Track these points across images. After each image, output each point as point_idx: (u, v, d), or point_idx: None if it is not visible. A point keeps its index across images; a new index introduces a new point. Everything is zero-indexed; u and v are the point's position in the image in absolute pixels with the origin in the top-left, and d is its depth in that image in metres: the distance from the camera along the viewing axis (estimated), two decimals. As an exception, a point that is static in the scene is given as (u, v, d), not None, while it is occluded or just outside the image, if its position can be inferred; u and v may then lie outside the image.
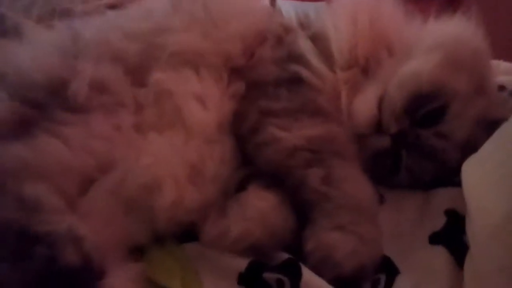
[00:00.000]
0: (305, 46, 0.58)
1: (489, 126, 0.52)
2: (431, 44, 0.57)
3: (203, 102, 0.55)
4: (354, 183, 0.51)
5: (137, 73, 0.55)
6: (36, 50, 0.57)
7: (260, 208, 0.50)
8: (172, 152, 0.51)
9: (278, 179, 0.52)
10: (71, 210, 0.47)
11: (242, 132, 0.55)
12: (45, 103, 0.52)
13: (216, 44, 0.57)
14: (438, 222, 0.50)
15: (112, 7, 0.90)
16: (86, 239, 0.44)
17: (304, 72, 0.56)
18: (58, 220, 0.44)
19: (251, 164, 0.54)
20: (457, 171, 0.51)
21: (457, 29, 0.59)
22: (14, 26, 0.89)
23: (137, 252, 0.51)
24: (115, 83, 0.54)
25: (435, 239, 0.49)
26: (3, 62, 0.58)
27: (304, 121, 0.53)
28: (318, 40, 0.59)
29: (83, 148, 0.50)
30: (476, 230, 0.44)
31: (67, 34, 0.59)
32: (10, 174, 0.46)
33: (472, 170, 0.48)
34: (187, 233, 0.53)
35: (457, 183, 0.51)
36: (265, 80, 0.56)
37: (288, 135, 0.52)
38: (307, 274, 0.45)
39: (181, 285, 0.47)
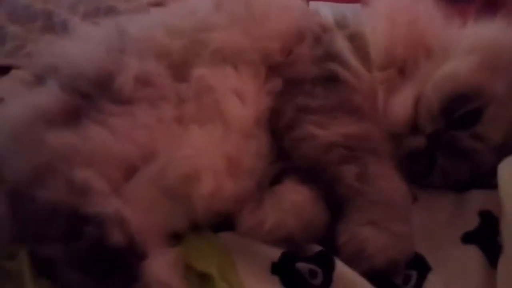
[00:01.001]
0: (342, 45, 0.59)
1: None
2: (470, 47, 0.57)
3: (242, 98, 0.57)
4: (387, 181, 0.52)
5: (179, 69, 0.57)
6: (86, 45, 0.61)
7: (294, 201, 0.51)
8: (211, 144, 0.54)
9: (313, 174, 0.53)
10: (117, 194, 0.49)
11: (279, 128, 0.56)
12: (93, 94, 0.55)
13: (255, 42, 0.58)
14: (472, 222, 0.50)
15: (155, 5, 0.94)
16: (131, 222, 0.46)
17: (341, 71, 0.57)
18: (106, 203, 0.46)
19: (287, 159, 0.56)
20: (491, 173, 0.51)
21: (496, 32, 0.59)
22: (62, 22, 0.94)
23: (174, 239, 0.53)
24: (158, 78, 0.57)
25: (468, 238, 0.49)
26: (54, 56, 0.62)
27: (340, 118, 0.54)
28: (356, 40, 0.60)
29: (128, 137, 0.52)
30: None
31: (113, 30, 0.62)
32: (61, 159, 0.49)
33: (509, 171, 0.48)
34: (223, 223, 0.55)
35: (492, 185, 0.51)
36: (303, 78, 0.58)
37: (324, 132, 0.53)
38: (340, 266, 0.46)
39: (217, 272, 0.48)
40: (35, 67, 0.66)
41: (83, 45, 0.61)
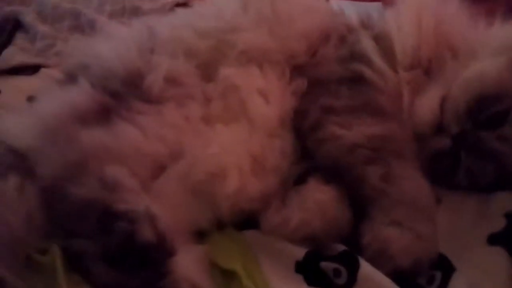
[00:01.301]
0: (368, 45, 0.59)
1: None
2: (497, 47, 0.57)
3: (267, 97, 0.57)
4: (412, 182, 0.52)
5: (207, 68, 0.59)
6: (117, 45, 0.62)
7: (319, 200, 0.52)
8: (237, 143, 0.55)
9: (337, 174, 0.53)
10: (146, 192, 0.51)
11: (303, 128, 0.57)
12: (123, 93, 0.57)
13: (281, 42, 0.59)
14: (497, 224, 0.50)
15: (179, 5, 0.96)
16: (160, 219, 0.47)
17: (367, 71, 0.57)
18: (136, 200, 0.48)
19: (311, 158, 0.56)
20: (517, 175, 0.51)
21: (524, 32, 0.58)
22: (89, 22, 0.96)
23: (199, 237, 0.54)
24: (186, 77, 0.58)
25: (493, 240, 0.49)
26: (85, 55, 0.63)
27: (364, 119, 0.54)
28: (381, 40, 0.60)
29: (157, 136, 0.54)
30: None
31: (143, 30, 0.64)
32: (93, 157, 0.51)
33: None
34: (247, 221, 0.56)
35: (518, 188, 0.51)
36: (328, 78, 0.58)
37: (348, 133, 0.54)
38: (365, 266, 0.47)
39: (242, 269, 0.49)
40: (66, 66, 0.68)
41: (113, 45, 0.62)
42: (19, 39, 0.95)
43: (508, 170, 0.53)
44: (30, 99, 0.73)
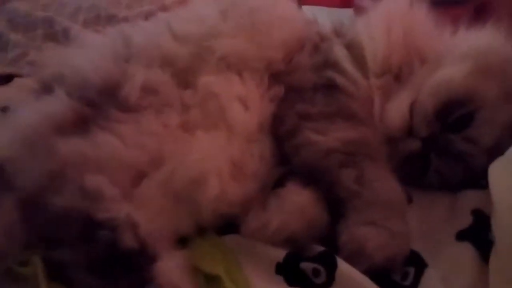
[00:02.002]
0: (340, 53, 0.61)
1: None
2: (462, 53, 0.60)
3: (246, 104, 0.59)
4: (384, 183, 0.54)
5: (184, 76, 0.60)
6: (92, 54, 0.62)
7: (298, 203, 0.53)
8: (217, 149, 0.56)
9: (313, 177, 0.55)
10: (127, 200, 0.51)
11: (280, 134, 0.59)
12: (100, 102, 0.57)
13: (259, 50, 0.61)
14: (465, 221, 0.52)
15: (154, 13, 0.96)
16: (141, 226, 0.48)
17: (339, 79, 0.59)
18: (117, 208, 0.48)
19: (288, 163, 0.58)
20: (483, 174, 0.53)
21: (487, 39, 0.61)
22: (63, 30, 0.95)
23: (181, 243, 0.55)
24: (163, 86, 0.58)
25: (461, 236, 0.51)
26: (60, 64, 0.63)
27: (339, 125, 0.56)
28: (353, 48, 0.62)
29: (136, 144, 0.54)
30: (503, 227, 0.47)
31: (119, 38, 0.64)
32: (72, 166, 0.51)
33: (499, 171, 0.51)
34: (227, 226, 0.57)
35: (483, 186, 0.53)
36: (303, 85, 0.60)
37: (323, 138, 0.56)
38: (342, 265, 0.48)
39: (224, 273, 0.50)
40: (41, 76, 0.68)
41: (88, 54, 0.63)
42: (-11, 48, 0.93)
43: (475, 170, 0.56)
44: (4, 109, 0.72)
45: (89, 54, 0.63)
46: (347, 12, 1.13)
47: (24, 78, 0.85)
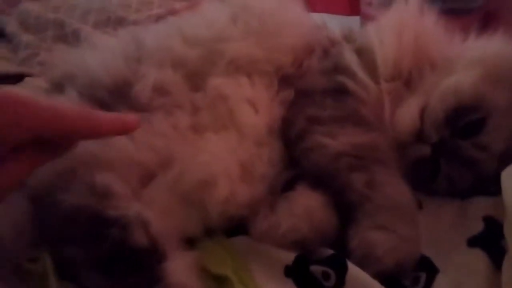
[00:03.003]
0: (350, 58, 0.61)
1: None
2: (472, 59, 0.60)
3: (255, 107, 0.59)
4: (394, 187, 0.54)
5: (195, 78, 0.60)
6: (103, 54, 0.63)
7: (307, 206, 0.53)
8: (226, 151, 0.56)
9: (322, 181, 0.55)
10: (136, 198, 0.51)
11: (290, 137, 0.59)
12: (111, 102, 0.57)
13: (269, 53, 0.61)
14: (476, 227, 0.52)
15: (164, 17, 0.97)
16: (152, 224, 0.48)
17: (350, 83, 0.59)
18: (127, 206, 0.48)
19: (298, 166, 0.58)
20: (493, 180, 0.53)
21: (497, 46, 0.61)
22: (73, 32, 0.96)
23: (190, 243, 0.55)
24: (174, 87, 0.59)
25: (473, 242, 0.51)
26: (71, 64, 0.64)
27: (348, 129, 0.57)
28: (363, 53, 0.62)
29: (146, 144, 0.54)
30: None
31: (130, 40, 0.65)
32: (82, 164, 0.51)
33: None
34: (236, 227, 0.57)
35: (494, 192, 0.54)
36: (313, 89, 0.60)
37: (333, 141, 0.55)
38: (353, 268, 0.48)
39: (233, 275, 0.50)
40: (52, 76, 0.68)
41: (100, 54, 0.63)
42: (2, 48, 0.94)
43: (485, 176, 0.56)
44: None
45: (100, 54, 0.63)
46: (355, 20, 1.14)
47: (35, 77, 0.86)
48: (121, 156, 0.53)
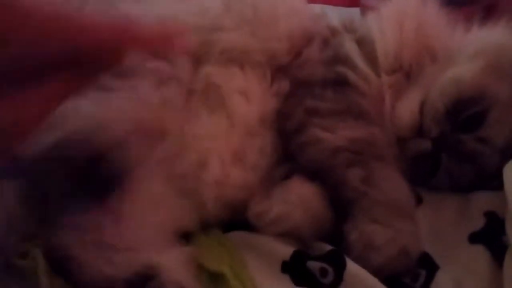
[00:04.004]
0: (351, 49, 0.60)
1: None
2: (474, 51, 0.59)
3: (247, 97, 0.58)
4: (392, 183, 0.53)
5: (192, 61, 0.57)
6: None
7: (301, 194, 0.52)
8: (218, 132, 0.55)
9: (319, 176, 0.54)
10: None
11: (286, 131, 0.57)
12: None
13: (263, 43, 0.59)
14: (478, 223, 0.51)
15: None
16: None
17: (350, 74, 0.58)
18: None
19: (294, 160, 0.57)
20: (495, 175, 0.52)
21: (499, 37, 0.60)
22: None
23: (185, 238, 0.54)
24: (174, 56, 0.55)
25: (474, 238, 0.50)
26: None
27: (347, 122, 0.55)
28: (364, 44, 0.61)
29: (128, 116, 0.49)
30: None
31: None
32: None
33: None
34: (232, 222, 0.56)
35: (495, 187, 0.52)
36: (312, 80, 0.59)
37: (331, 136, 0.54)
38: (351, 265, 0.47)
39: (229, 271, 0.49)
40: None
41: None
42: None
43: (487, 171, 0.55)
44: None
45: None
46: (354, 11, 1.13)
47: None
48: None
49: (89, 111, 0.45)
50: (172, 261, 0.48)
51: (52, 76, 0.36)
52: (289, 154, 0.57)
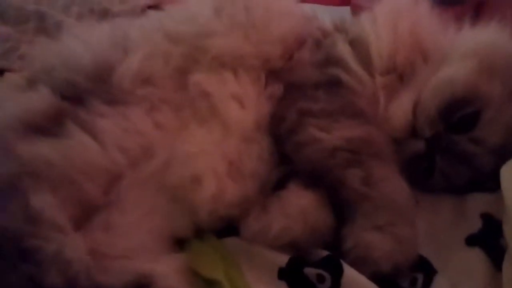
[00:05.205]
0: (344, 49, 0.59)
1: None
2: (466, 51, 0.58)
3: (241, 102, 0.57)
4: (392, 184, 0.52)
5: (178, 75, 0.57)
6: (87, 39, 0.59)
7: (300, 206, 0.51)
8: (212, 145, 0.53)
9: (316, 178, 0.53)
10: (75, 227, 0.47)
11: (281, 133, 0.57)
12: (87, 91, 0.53)
13: (256, 47, 0.58)
14: (474, 225, 0.51)
15: (149, 8, 0.94)
16: (73, 262, 0.44)
17: (343, 75, 0.57)
18: (51, 238, 0.44)
19: (289, 163, 0.56)
20: (490, 176, 0.52)
21: (491, 36, 0.60)
22: (55, 24, 0.92)
23: (180, 245, 0.53)
24: (160, 78, 0.55)
25: (471, 241, 0.50)
26: (51, 56, 0.60)
27: (343, 122, 0.54)
28: (357, 45, 0.60)
29: (116, 144, 0.50)
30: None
31: (118, 31, 0.61)
32: (29, 174, 0.46)
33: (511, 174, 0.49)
34: (227, 228, 0.55)
35: (491, 189, 0.52)
36: (304, 82, 0.58)
37: (327, 135, 0.53)
38: (349, 271, 0.47)
39: (225, 278, 0.48)
40: (29, 71, 0.65)
41: (83, 39, 0.59)
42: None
43: (482, 171, 0.55)
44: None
45: (83, 39, 0.59)
46: (345, 11, 1.12)
47: (15, 72, 0.82)
48: (81, 162, 0.48)
49: None
50: (167, 269, 0.47)
51: None
52: (284, 158, 0.56)
